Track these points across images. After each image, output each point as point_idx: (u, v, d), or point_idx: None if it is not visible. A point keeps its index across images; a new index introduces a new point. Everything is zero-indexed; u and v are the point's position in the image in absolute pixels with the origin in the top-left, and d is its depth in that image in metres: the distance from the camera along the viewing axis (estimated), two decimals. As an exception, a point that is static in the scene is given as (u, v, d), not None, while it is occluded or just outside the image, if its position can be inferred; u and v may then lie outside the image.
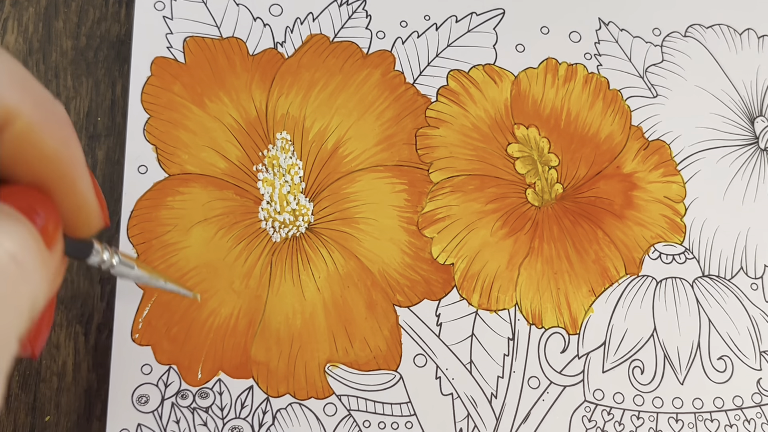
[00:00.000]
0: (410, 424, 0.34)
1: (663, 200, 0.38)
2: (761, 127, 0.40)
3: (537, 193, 0.37)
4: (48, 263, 0.19)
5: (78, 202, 0.21)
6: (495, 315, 0.35)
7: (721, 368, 0.36)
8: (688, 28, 0.41)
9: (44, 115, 0.19)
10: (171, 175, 0.35)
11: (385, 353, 0.34)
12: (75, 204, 0.21)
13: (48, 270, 0.19)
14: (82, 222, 0.22)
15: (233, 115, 0.36)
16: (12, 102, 0.18)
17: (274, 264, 0.34)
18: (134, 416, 0.32)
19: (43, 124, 0.19)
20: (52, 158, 0.20)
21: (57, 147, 0.19)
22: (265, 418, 0.33)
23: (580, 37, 0.40)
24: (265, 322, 0.34)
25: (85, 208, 0.21)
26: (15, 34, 0.36)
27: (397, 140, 0.37)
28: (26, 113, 0.19)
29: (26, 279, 0.18)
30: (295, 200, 0.36)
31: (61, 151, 0.20)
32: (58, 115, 0.20)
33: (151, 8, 0.37)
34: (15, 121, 0.18)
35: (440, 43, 0.39)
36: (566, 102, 0.39)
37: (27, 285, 0.18)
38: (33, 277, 0.18)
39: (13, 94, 0.18)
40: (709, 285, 0.37)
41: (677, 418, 0.35)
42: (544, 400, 0.35)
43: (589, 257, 0.37)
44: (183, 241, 0.34)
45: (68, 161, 0.20)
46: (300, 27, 0.38)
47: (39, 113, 0.19)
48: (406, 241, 0.36)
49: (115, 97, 0.37)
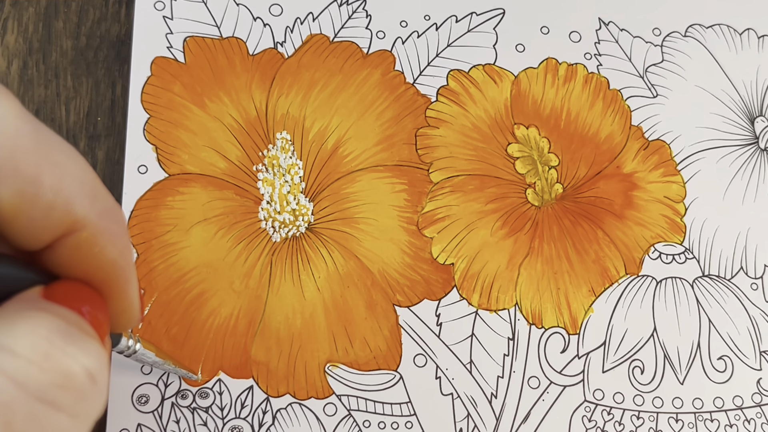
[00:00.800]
0: (410, 424, 0.34)
1: (663, 200, 0.38)
2: (761, 127, 0.40)
3: (537, 193, 0.37)
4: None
5: (124, 306, 0.22)
6: (495, 315, 0.35)
7: (721, 368, 0.36)
8: (688, 28, 0.41)
9: (108, 224, 0.20)
10: (171, 175, 0.35)
11: (385, 353, 0.34)
12: (121, 307, 0.22)
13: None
14: (123, 321, 0.22)
15: (233, 115, 0.36)
16: (81, 211, 0.19)
17: (274, 264, 0.34)
18: (134, 416, 0.32)
19: (106, 233, 0.20)
20: (109, 265, 0.20)
21: (116, 256, 0.20)
22: (265, 418, 0.33)
23: (580, 37, 0.40)
24: (265, 322, 0.34)
25: (130, 309, 0.22)
26: (15, 34, 0.36)
27: (397, 140, 0.37)
28: (93, 223, 0.19)
29: (98, 394, 0.18)
30: (295, 200, 0.36)
31: (118, 259, 0.20)
32: (120, 224, 0.21)
33: (151, 8, 0.37)
34: (81, 231, 0.19)
35: (440, 43, 0.39)
36: (566, 102, 0.39)
37: (98, 399, 0.18)
38: (103, 389, 0.19)
39: (84, 203, 0.19)
40: (709, 285, 0.37)
41: (677, 418, 0.35)
42: (544, 400, 0.35)
43: (589, 257, 0.37)
44: (183, 241, 0.34)
45: (123, 268, 0.21)
46: (300, 27, 0.38)
47: (104, 222, 0.20)
48: (406, 241, 0.36)
49: (115, 97, 0.37)
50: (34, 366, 0.17)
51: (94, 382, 0.18)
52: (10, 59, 0.36)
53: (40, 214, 0.18)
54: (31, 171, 0.18)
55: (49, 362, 0.17)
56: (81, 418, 0.18)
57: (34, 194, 0.18)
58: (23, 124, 0.18)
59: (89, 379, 0.18)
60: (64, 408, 0.17)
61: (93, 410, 0.18)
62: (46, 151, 0.18)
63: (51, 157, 0.18)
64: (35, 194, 0.18)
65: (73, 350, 0.18)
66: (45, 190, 0.18)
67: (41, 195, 0.18)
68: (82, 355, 0.18)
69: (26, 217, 0.18)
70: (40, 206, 0.18)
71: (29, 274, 0.19)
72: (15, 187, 0.18)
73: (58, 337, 0.18)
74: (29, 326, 0.17)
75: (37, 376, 0.17)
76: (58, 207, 0.19)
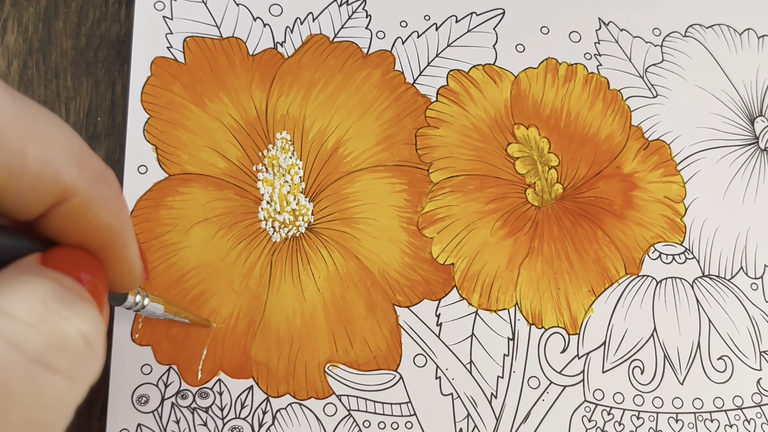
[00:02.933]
0: (410, 424, 0.34)
1: (663, 200, 0.38)
2: (761, 127, 0.40)
3: (537, 193, 0.37)
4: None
5: (125, 266, 0.22)
6: (495, 315, 0.35)
7: (721, 368, 0.36)
8: (688, 28, 0.41)
9: (99, 190, 0.20)
10: (171, 175, 0.35)
11: (385, 353, 0.34)
12: (122, 267, 0.22)
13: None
14: (126, 283, 0.23)
15: (233, 115, 0.36)
16: (70, 179, 0.19)
17: (274, 264, 0.34)
18: (134, 416, 0.32)
19: (98, 198, 0.20)
20: (105, 229, 0.20)
21: (110, 219, 0.20)
22: (265, 418, 0.33)
23: (580, 37, 0.40)
24: (265, 322, 0.34)
25: (131, 270, 0.22)
26: (15, 34, 0.37)
27: (397, 140, 0.37)
28: (83, 190, 0.19)
29: (94, 357, 0.19)
30: (295, 200, 0.36)
31: (113, 222, 0.20)
32: (112, 188, 0.21)
33: (151, 8, 0.37)
34: (72, 198, 0.19)
35: (440, 43, 0.39)
36: (566, 102, 0.39)
37: (94, 363, 0.19)
38: (99, 353, 0.19)
39: (72, 171, 0.19)
40: (709, 285, 0.37)
41: (677, 418, 0.35)
42: (544, 400, 0.35)
43: (589, 257, 0.37)
44: (183, 241, 0.34)
45: (120, 230, 0.21)
46: (300, 27, 0.38)
47: (95, 189, 0.20)
48: (406, 241, 0.36)
49: (115, 97, 0.37)
50: (30, 328, 0.17)
51: (90, 346, 0.18)
52: (10, 59, 0.36)
53: (28, 187, 0.18)
54: (16, 144, 0.18)
55: (45, 325, 0.17)
56: (77, 381, 0.18)
57: (21, 167, 0.18)
58: (4, 97, 0.18)
59: (84, 342, 0.18)
60: (59, 370, 0.17)
61: (89, 374, 0.18)
62: (29, 122, 0.18)
63: (34, 129, 0.18)
64: (21, 167, 0.18)
65: (69, 313, 0.18)
66: (31, 162, 0.18)
67: (28, 167, 0.18)
68: (78, 319, 0.18)
69: (15, 190, 0.18)
70: (27, 178, 0.18)
71: (26, 243, 0.19)
72: (0, 162, 0.18)
73: (54, 300, 0.18)
74: (26, 290, 0.18)
75: (33, 339, 0.17)
76: (46, 177, 0.19)
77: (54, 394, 0.17)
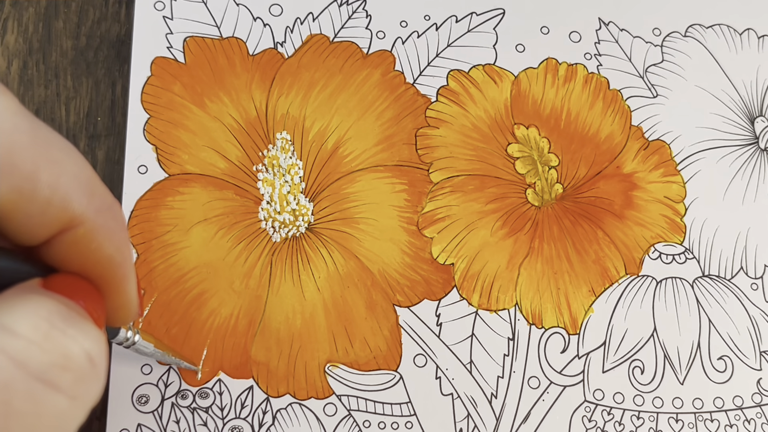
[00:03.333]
0: (410, 424, 0.34)
1: (663, 200, 0.38)
2: (761, 127, 0.40)
3: (537, 193, 0.37)
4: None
5: (122, 301, 0.22)
6: (495, 315, 0.35)
7: (721, 368, 0.36)
8: (688, 28, 0.41)
9: (105, 221, 0.20)
10: (171, 175, 0.35)
11: (385, 353, 0.34)
12: (119, 301, 0.22)
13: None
14: (121, 316, 0.23)
15: (233, 115, 0.36)
16: (78, 208, 0.19)
17: (274, 264, 0.34)
18: (134, 416, 0.32)
19: (103, 229, 0.20)
20: (107, 261, 0.20)
21: (113, 252, 0.20)
22: (265, 418, 0.33)
23: (580, 37, 0.40)
24: (265, 322, 0.34)
25: (128, 305, 0.22)
26: (15, 34, 0.36)
27: (397, 140, 0.37)
28: (90, 219, 0.19)
29: (97, 377, 0.19)
30: (295, 200, 0.36)
31: (116, 256, 0.20)
32: (118, 220, 0.21)
33: (151, 8, 0.37)
34: (78, 226, 0.19)
35: (440, 43, 0.39)
36: (566, 102, 0.39)
37: (97, 382, 0.19)
38: (102, 373, 0.19)
39: (81, 200, 0.19)
40: (709, 285, 0.37)
41: (677, 418, 0.35)
42: (544, 400, 0.35)
43: (589, 257, 0.37)
44: (183, 241, 0.34)
45: (121, 264, 0.21)
46: (300, 27, 0.38)
47: (101, 219, 0.20)
48: (406, 241, 0.36)
49: (115, 97, 0.37)
50: (34, 346, 0.17)
51: (93, 365, 0.18)
52: (10, 59, 0.36)
53: (37, 211, 0.18)
54: (28, 168, 0.18)
55: (50, 343, 0.17)
56: (79, 400, 0.18)
57: (31, 191, 0.18)
58: (21, 120, 0.18)
59: (88, 361, 0.18)
60: (63, 389, 0.17)
61: (92, 393, 0.18)
62: (44, 148, 0.18)
63: (48, 154, 0.18)
64: (32, 191, 0.18)
65: (74, 332, 0.18)
66: (42, 187, 0.18)
67: (38, 192, 0.18)
68: (83, 338, 0.18)
69: (23, 214, 0.18)
70: (37, 203, 0.18)
71: (28, 268, 0.19)
72: (12, 184, 0.18)
73: (59, 318, 0.18)
74: (30, 308, 0.18)
75: (37, 356, 0.17)
76: (55, 204, 0.19)
77: (56, 413, 0.17)
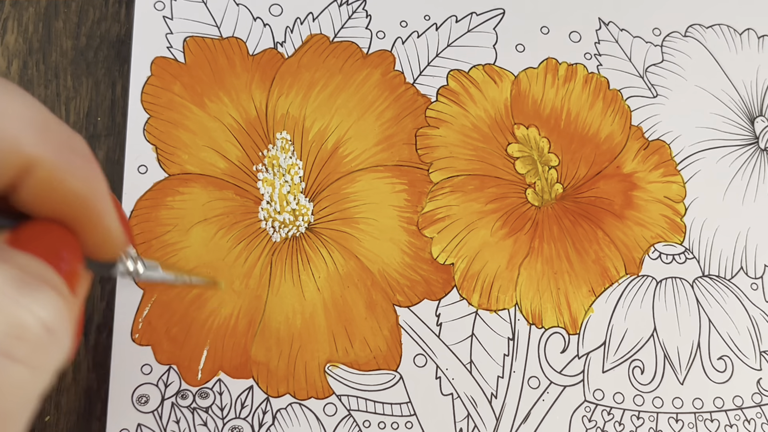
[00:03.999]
0: (410, 424, 0.34)
1: (663, 200, 0.38)
2: (761, 127, 0.40)
3: (537, 193, 0.37)
4: (73, 308, 0.20)
5: (103, 234, 0.21)
6: (495, 315, 0.35)
7: (721, 368, 0.36)
8: (688, 28, 0.41)
9: (66, 156, 0.19)
10: (171, 175, 0.35)
11: (385, 353, 0.34)
12: (101, 235, 0.21)
13: (73, 314, 0.20)
14: (108, 249, 0.22)
15: (233, 115, 0.36)
16: (32, 150, 0.19)
17: (274, 264, 0.34)
18: (134, 416, 0.32)
19: (65, 166, 0.19)
20: (75, 198, 0.20)
21: (80, 187, 0.20)
22: (265, 418, 0.33)
23: (580, 37, 0.40)
24: (265, 322, 0.34)
25: (110, 238, 0.22)
26: (15, 34, 0.36)
27: (397, 140, 0.37)
28: (47, 159, 0.19)
29: (57, 344, 0.18)
30: (295, 200, 0.36)
31: (84, 190, 0.20)
32: (80, 153, 0.20)
33: (151, 8, 0.37)
34: (37, 169, 0.19)
35: (440, 43, 0.39)
36: (566, 102, 0.39)
37: (57, 349, 0.18)
38: (63, 340, 0.18)
39: (34, 142, 0.19)
40: (709, 285, 0.37)
41: (677, 418, 0.35)
42: (544, 400, 0.35)
43: (589, 257, 0.37)
44: (183, 241, 0.34)
45: (92, 197, 0.20)
46: (300, 27, 0.38)
47: (60, 156, 0.19)
48: (406, 241, 0.36)
49: (115, 97, 0.37)
50: None
51: (51, 333, 0.18)
52: (10, 59, 0.36)
53: None
54: None
55: (1, 314, 0.17)
56: (39, 369, 0.18)
57: None
58: None
59: (45, 330, 0.18)
60: (20, 359, 0.17)
61: (52, 361, 0.18)
62: None
63: None
64: None
65: (27, 301, 0.18)
66: None
67: None
68: (37, 306, 0.18)
69: None
70: None
71: None
72: None
73: (12, 287, 0.17)
74: None
75: None
76: (5, 149, 0.18)
77: (15, 383, 0.17)
